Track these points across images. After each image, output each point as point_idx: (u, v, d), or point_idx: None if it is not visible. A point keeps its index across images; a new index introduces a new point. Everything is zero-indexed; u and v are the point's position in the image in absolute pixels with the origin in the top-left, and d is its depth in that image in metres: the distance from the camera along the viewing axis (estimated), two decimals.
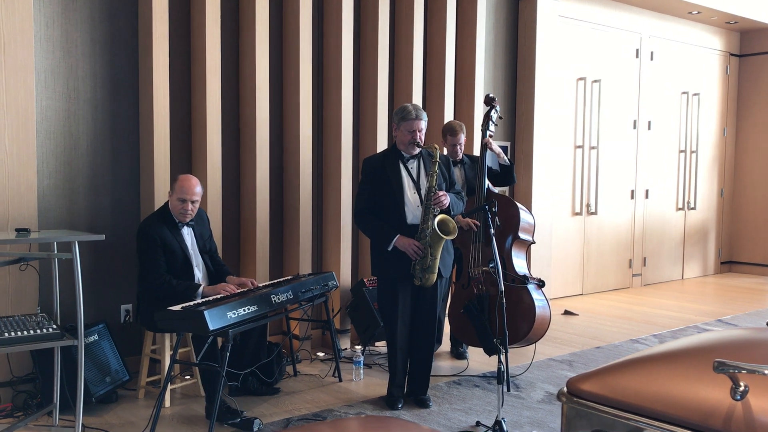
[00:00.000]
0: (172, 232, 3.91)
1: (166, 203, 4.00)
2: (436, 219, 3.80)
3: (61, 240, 3.37)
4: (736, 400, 1.49)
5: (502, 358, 3.56)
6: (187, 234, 4.01)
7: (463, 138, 4.71)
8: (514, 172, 4.86)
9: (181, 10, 4.62)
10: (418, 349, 4.04)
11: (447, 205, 3.87)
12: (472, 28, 5.99)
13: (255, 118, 4.77)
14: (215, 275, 4.14)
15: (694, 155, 8.76)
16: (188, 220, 3.97)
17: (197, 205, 3.99)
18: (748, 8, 8.14)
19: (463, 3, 6.00)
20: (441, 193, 3.84)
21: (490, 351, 4.42)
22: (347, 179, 5.18)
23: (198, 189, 3.95)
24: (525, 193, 6.63)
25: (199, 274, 4.04)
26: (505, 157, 4.79)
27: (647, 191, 8.23)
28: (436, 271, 3.88)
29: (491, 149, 4.62)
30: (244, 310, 3.58)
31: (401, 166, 3.95)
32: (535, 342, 4.55)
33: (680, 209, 8.69)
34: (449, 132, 4.72)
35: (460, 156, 4.75)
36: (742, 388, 1.49)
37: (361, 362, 4.54)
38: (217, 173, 4.60)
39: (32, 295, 3.86)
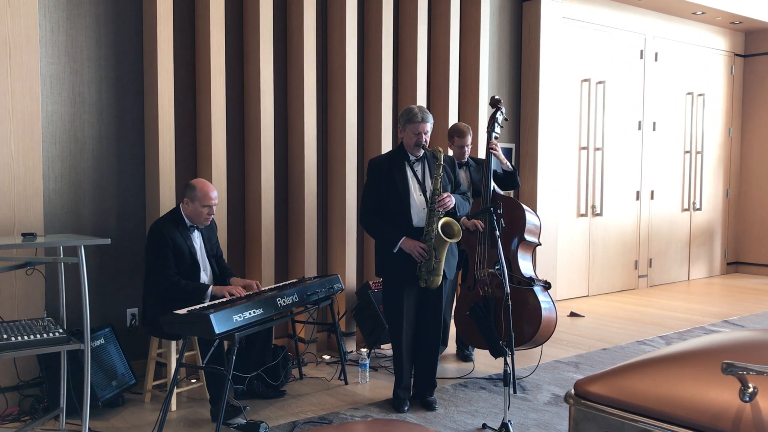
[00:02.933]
0: (182, 235, 3.94)
1: (178, 206, 4.02)
2: (440, 222, 3.80)
3: (67, 244, 3.38)
4: (745, 401, 1.49)
5: (509, 360, 3.56)
6: (197, 237, 4.04)
7: (470, 140, 4.71)
8: (517, 177, 4.86)
9: (186, 14, 4.63)
10: (422, 351, 4.04)
11: (452, 206, 3.86)
12: (476, 31, 5.99)
13: (259, 122, 4.78)
14: (221, 278, 4.15)
15: (699, 156, 8.73)
16: (207, 223, 4.02)
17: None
18: (753, 8, 8.12)
19: (467, 5, 6.00)
20: (445, 195, 3.84)
21: (496, 353, 4.41)
22: (352, 182, 5.18)
23: (216, 192, 4.02)
24: (530, 195, 6.62)
25: (205, 277, 4.05)
26: (508, 163, 4.79)
27: (652, 192, 8.21)
28: (441, 273, 3.87)
29: (495, 155, 4.62)
30: (250, 314, 3.58)
31: (407, 167, 3.95)
32: (542, 344, 4.54)
33: (686, 210, 8.67)
34: (457, 134, 4.70)
35: (467, 158, 4.74)
36: (750, 390, 1.48)
37: (367, 365, 4.54)
38: (222, 177, 4.61)
39: (38, 299, 3.86)
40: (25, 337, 3.04)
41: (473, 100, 6.04)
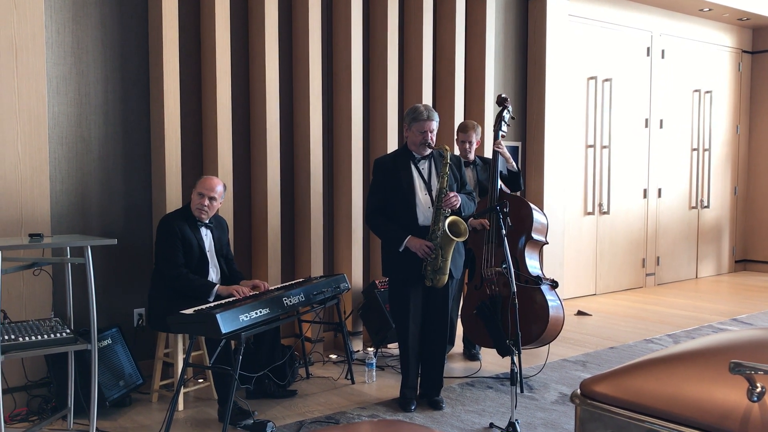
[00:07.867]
0: (191, 229, 3.96)
1: (189, 203, 4.04)
2: (447, 220, 3.79)
3: (74, 245, 3.39)
4: (753, 401, 1.47)
5: (515, 359, 3.55)
6: (206, 235, 4.05)
7: (474, 137, 4.69)
8: (521, 180, 4.81)
9: (191, 14, 4.64)
10: (429, 350, 4.03)
11: (458, 206, 3.86)
12: (482, 29, 5.98)
13: (265, 121, 4.78)
14: (230, 281, 4.15)
15: (706, 153, 8.69)
16: (204, 217, 3.99)
17: (215, 204, 4.01)
18: (760, 4, 8.07)
19: (473, 4, 5.98)
20: (452, 194, 3.83)
21: (503, 352, 4.40)
22: (358, 181, 5.18)
23: (218, 188, 4.00)
24: (537, 193, 6.60)
25: (213, 275, 4.06)
26: (514, 163, 4.77)
27: (660, 190, 8.17)
28: (447, 272, 3.86)
29: (501, 154, 4.61)
30: (257, 313, 3.58)
31: (412, 166, 3.95)
32: (549, 343, 4.53)
33: (693, 208, 8.63)
34: (460, 129, 4.73)
35: (472, 156, 4.74)
36: (759, 390, 1.47)
37: (374, 364, 4.54)
38: (228, 176, 4.61)
39: (46, 299, 3.88)
40: (33, 338, 3.06)
41: (479, 98, 6.02)
